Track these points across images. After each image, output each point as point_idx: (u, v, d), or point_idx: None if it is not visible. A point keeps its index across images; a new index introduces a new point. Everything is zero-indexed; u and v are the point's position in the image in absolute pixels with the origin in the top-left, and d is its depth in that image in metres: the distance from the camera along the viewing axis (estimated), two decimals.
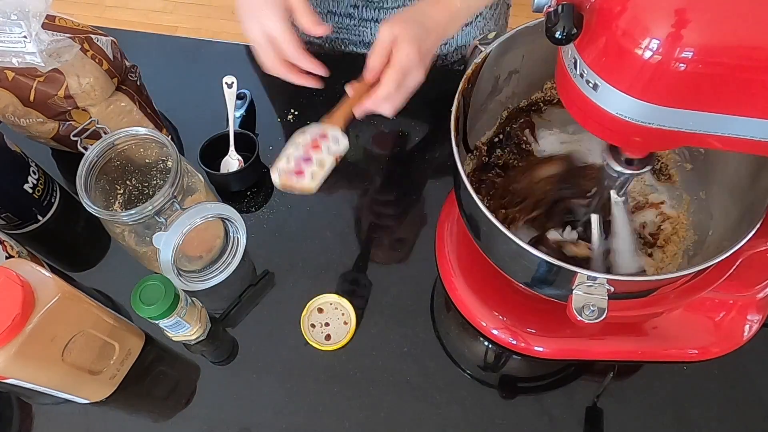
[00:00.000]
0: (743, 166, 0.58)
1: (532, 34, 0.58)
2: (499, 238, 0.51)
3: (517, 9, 1.06)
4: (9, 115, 0.75)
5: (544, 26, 0.38)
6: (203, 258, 0.72)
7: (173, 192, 0.63)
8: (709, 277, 0.61)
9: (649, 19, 0.35)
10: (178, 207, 0.63)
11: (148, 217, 0.62)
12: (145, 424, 0.68)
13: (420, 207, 0.81)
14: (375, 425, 0.66)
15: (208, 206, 0.66)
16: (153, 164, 0.72)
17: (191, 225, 0.64)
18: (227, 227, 0.71)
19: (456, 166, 0.54)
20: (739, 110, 0.37)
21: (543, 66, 0.64)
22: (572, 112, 0.44)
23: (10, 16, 0.65)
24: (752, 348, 0.68)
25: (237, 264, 0.72)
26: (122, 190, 0.73)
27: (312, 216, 0.81)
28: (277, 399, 0.68)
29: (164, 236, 0.63)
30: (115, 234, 0.68)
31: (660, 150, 0.68)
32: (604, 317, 0.49)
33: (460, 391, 0.68)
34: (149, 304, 0.60)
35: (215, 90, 0.85)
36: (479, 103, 0.65)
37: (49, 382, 0.61)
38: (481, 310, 0.70)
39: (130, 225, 0.65)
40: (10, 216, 0.75)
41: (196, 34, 2.24)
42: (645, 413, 0.66)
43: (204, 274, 0.71)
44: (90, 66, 0.72)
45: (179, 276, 0.66)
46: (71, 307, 0.59)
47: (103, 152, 0.65)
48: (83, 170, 0.63)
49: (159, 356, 0.71)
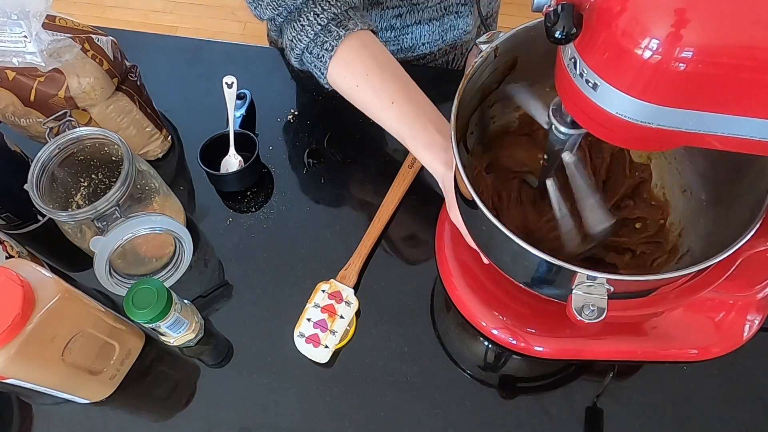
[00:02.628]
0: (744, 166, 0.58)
1: (532, 34, 0.58)
2: (499, 238, 0.51)
3: (517, 9, 1.06)
4: (9, 115, 0.75)
5: (544, 26, 0.38)
6: (154, 263, 0.72)
7: (118, 200, 0.62)
8: (709, 277, 0.61)
9: (648, 19, 0.35)
10: (118, 215, 0.63)
11: (88, 219, 0.62)
12: (145, 424, 0.68)
13: (420, 207, 0.81)
14: (375, 425, 0.66)
15: (152, 218, 0.65)
16: (120, 160, 0.72)
17: (132, 234, 0.63)
18: (177, 240, 0.70)
19: (456, 166, 0.54)
20: (739, 110, 0.37)
21: (543, 66, 0.64)
22: (572, 111, 0.44)
23: (10, 15, 0.65)
24: (752, 348, 0.68)
25: (178, 278, 0.71)
26: (87, 183, 0.73)
27: (312, 216, 0.81)
28: (277, 399, 0.68)
29: (101, 241, 0.62)
30: (64, 231, 0.68)
31: (660, 150, 0.68)
32: (603, 317, 0.49)
33: (460, 391, 0.68)
34: (143, 308, 0.60)
35: (215, 90, 0.85)
36: (479, 103, 0.66)
37: (49, 382, 0.61)
38: (481, 310, 0.70)
39: (71, 224, 0.65)
40: (10, 216, 0.75)
41: (196, 34, 2.24)
42: (645, 413, 0.66)
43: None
44: (90, 66, 0.72)
45: (115, 283, 0.66)
46: (71, 307, 0.59)
47: (51, 156, 0.65)
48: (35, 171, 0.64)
49: (159, 356, 0.71)
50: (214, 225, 0.81)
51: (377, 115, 0.69)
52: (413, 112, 0.67)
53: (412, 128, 0.66)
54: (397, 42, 0.93)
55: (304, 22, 0.69)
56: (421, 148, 0.66)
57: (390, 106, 0.67)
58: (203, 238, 0.80)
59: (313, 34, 0.68)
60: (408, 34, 0.92)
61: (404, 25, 0.91)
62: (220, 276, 0.77)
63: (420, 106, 0.67)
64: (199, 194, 0.84)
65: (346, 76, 0.69)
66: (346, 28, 0.68)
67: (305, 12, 0.69)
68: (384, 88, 0.68)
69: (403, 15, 0.89)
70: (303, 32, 0.69)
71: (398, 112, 0.67)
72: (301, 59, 0.72)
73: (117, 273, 0.68)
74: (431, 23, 0.91)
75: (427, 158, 0.66)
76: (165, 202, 0.72)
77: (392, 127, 0.68)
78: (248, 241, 0.79)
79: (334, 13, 0.68)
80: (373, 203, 0.80)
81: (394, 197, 0.80)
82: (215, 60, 0.97)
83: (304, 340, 0.69)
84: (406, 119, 0.67)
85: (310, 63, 0.71)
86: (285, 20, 0.71)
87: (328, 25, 0.68)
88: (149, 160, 0.86)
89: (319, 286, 0.73)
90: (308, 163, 0.86)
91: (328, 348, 0.69)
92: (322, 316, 0.71)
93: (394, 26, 0.91)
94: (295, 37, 0.70)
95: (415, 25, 0.91)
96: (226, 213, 0.82)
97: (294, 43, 0.70)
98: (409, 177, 0.82)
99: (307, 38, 0.69)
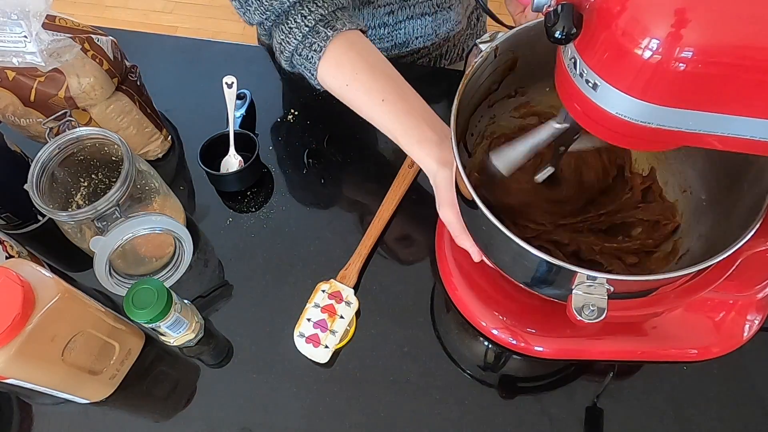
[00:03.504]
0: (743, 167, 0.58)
1: (532, 34, 0.58)
2: (499, 238, 0.51)
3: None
4: (9, 115, 0.75)
5: (544, 26, 0.38)
6: (154, 263, 0.72)
7: (118, 200, 0.62)
8: (709, 277, 0.61)
9: (648, 19, 0.35)
10: (118, 215, 0.63)
11: (88, 219, 0.62)
12: (145, 424, 0.68)
13: (420, 207, 0.81)
14: (375, 425, 0.66)
15: (152, 218, 0.65)
16: (120, 160, 0.72)
17: (132, 234, 0.63)
18: (176, 240, 0.70)
19: (456, 165, 0.54)
20: (739, 110, 0.37)
21: (543, 66, 0.64)
22: (572, 111, 0.44)
23: (10, 15, 0.64)
24: (752, 348, 0.68)
25: (178, 278, 0.71)
26: (87, 183, 0.73)
27: (312, 216, 0.81)
28: (277, 399, 0.68)
29: (101, 241, 0.62)
30: (64, 231, 0.68)
31: (660, 150, 0.68)
32: (603, 317, 0.49)
33: (460, 391, 0.68)
34: (143, 308, 0.60)
35: (215, 90, 0.85)
36: (479, 103, 0.66)
37: (49, 382, 0.61)
38: (481, 310, 0.70)
39: (71, 224, 0.65)
40: (10, 216, 0.75)
41: (196, 34, 2.24)
42: (645, 413, 0.66)
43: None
44: (90, 66, 0.72)
45: (115, 283, 0.66)
46: (71, 307, 0.59)
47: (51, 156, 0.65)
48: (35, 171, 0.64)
49: (159, 356, 0.71)
50: (214, 225, 0.81)
51: (368, 113, 0.69)
52: (404, 109, 0.67)
53: (404, 125, 0.66)
54: (391, 38, 0.94)
55: (292, 24, 0.69)
56: (412, 145, 0.66)
57: (381, 104, 0.67)
58: (203, 238, 0.80)
59: (301, 36, 0.69)
60: (401, 30, 0.93)
61: (396, 21, 0.91)
62: (220, 276, 0.77)
63: (411, 103, 0.67)
64: (199, 194, 0.84)
65: (335, 75, 0.69)
66: (333, 28, 0.68)
67: (293, 15, 0.69)
68: (374, 86, 0.68)
69: (394, 11, 0.90)
70: (291, 35, 0.69)
71: (389, 110, 0.67)
72: (291, 61, 0.72)
73: (117, 273, 0.68)
74: (423, 18, 0.92)
75: (419, 155, 0.66)
76: (165, 202, 0.72)
77: (383, 124, 0.68)
78: (248, 241, 0.79)
79: (322, 15, 0.68)
80: (373, 203, 0.80)
81: (394, 197, 0.80)
82: (215, 60, 0.97)
83: (304, 340, 0.69)
84: (397, 116, 0.67)
85: (299, 65, 0.71)
86: (273, 24, 0.72)
87: (316, 27, 0.68)
88: (149, 160, 0.86)
89: (319, 286, 0.73)
90: (308, 163, 0.86)
91: (328, 348, 0.69)
92: (322, 316, 0.71)
93: (386, 23, 0.91)
94: (283, 39, 0.70)
95: (408, 21, 0.92)
96: (226, 213, 0.82)
97: (283, 45, 0.71)
98: (409, 177, 0.82)
99: (296, 40, 0.69)
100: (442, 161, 0.64)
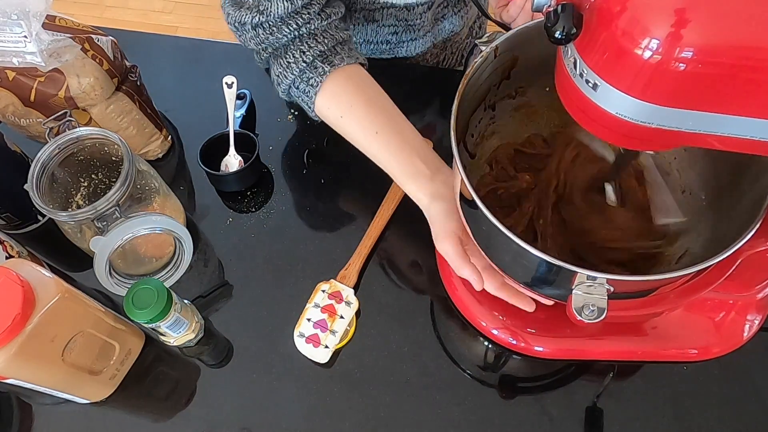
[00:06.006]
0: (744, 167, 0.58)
1: (532, 34, 0.58)
2: (499, 238, 0.51)
3: None
4: (9, 115, 0.75)
5: (544, 26, 0.38)
6: (154, 263, 0.72)
7: (118, 200, 0.62)
8: (709, 277, 0.61)
9: (648, 19, 0.35)
10: (118, 215, 0.63)
11: (88, 219, 0.62)
12: (145, 424, 0.68)
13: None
14: (375, 425, 0.66)
15: (152, 218, 0.65)
16: (120, 160, 0.72)
17: (132, 234, 0.63)
18: (176, 240, 0.70)
19: (456, 165, 0.54)
20: (739, 110, 0.37)
21: (543, 66, 0.64)
22: (572, 112, 0.44)
23: (10, 15, 0.65)
24: (752, 348, 0.68)
25: (178, 278, 0.71)
26: (87, 183, 0.73)
27: (312, 216, 0.81)
28: (277, 399, 0.68)
29: (101, 241, 0.62)
30: (64, 231, 0.68)
31: (660, 150, 0.68)
32: (603, 317, 0.49)
33: (460, 391, 0.68)
34: (143, 308, 0.60)
35: (215, 90, 0.85)
36: (479, 103, 0.66)
37: (49, 382, 0.61)
38: (481, 310, 0.70)
39: (71, 224, 0.65)
40: (10, 216, 0.75)
41: (196, 34, 2.24)
42: (645, 413, 0.66)
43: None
44: (90, 66, 0.72)
45: (115, 283, 0.66)
46: (71, 307, 0.59)
47: (52, 156, 0.65)
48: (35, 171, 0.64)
49: (159, 356, 0.71)
50: (214, 225, 0.81)
51: (363, 145, 0.69)
52: (398, 143, 0.67)
53: (397, 159, 0.66)
54: (392, 52, 0.94)
55: (290, 59, 0.69)
56: (405, 179, 0.66)
57: (375, 136, 0.67)
58: (203, 238, 0.80)
59: (298, 71, 0.69)
60: (403, 47, 0.93)
61: (400, 40, 0.91)
62: (220, 276, 0.77)
63: (405, 137, 0.67)
64: (199, 194, 0.84)
65: (331, 107, 0.70)
66: (332, 64, 0.68)
67: (291, 50, 0.69)
68: (369, 119, 0.68)
69: (399, 33, 0.90)
70: (289, 69, 0.69)
71: (383, 143, 0.67)
72: (288, 93, 0.72)
73: (117, 273, 0.68)
74: (425, 37, 0.92)
75: (411, 189, 0.66)
76: (165, 202, 0.72)
77: (377, 157, 0.68)
78: (248, 241, 0.79)
79: (321, 51, 0.68)
80: (373, 203, 0.80)
81: (394, 197, 0.80)
82: (215, 60, 0.97)
83: (304, 340, 0.69)
84: (390, 150, 0.67)
85: (297, 97, 0.72)
86: (271, 55, 0.72)
87: (314, 62, 0.68)
88: (149, 160, 0.86)
89: (319, 286, 0.73)
90: (308, 163, 0.86)
91: (328, 348, 0.69)
92: (322, 316, 0.71)
93: (389, 41, 0.91)
94: (281, 73, 0.70)
95: (411, 42, 0.92)
96: (226, 213, 0.82)
97: (280, 78, 0.71)
98: None
99: (293, 75, 0.69)
100: (435, 195, 0.64)
